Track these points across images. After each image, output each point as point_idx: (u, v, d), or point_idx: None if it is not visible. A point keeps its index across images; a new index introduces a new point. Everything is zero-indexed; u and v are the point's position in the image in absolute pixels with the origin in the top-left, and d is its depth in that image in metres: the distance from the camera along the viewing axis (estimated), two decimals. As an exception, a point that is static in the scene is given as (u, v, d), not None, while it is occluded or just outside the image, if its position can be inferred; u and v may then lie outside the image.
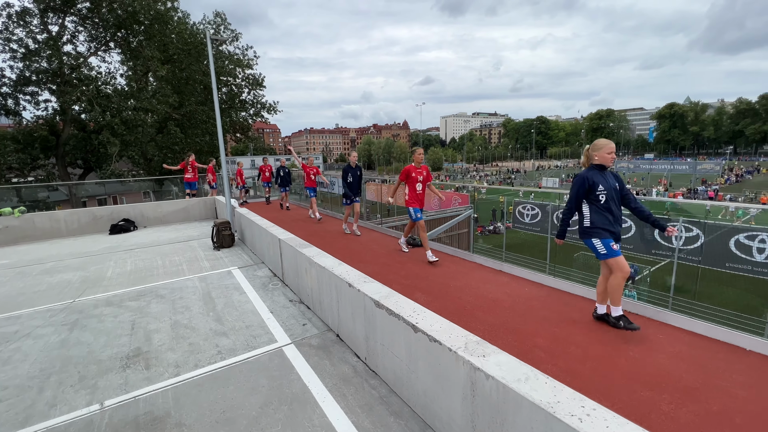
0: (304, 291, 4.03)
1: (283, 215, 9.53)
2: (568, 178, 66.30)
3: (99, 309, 4.13)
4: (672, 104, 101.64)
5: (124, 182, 18.07)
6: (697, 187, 45.42)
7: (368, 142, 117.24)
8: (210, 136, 21.96)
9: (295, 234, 5.30)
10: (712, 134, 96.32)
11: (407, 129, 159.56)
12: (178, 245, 7.03)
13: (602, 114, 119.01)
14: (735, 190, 43.13)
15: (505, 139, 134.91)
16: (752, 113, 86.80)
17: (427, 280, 4.58)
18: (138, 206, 9.01)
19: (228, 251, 6.51)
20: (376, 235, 7.17)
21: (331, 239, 6.85)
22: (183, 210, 9.58)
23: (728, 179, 49.52)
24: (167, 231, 8.55)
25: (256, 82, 24.47)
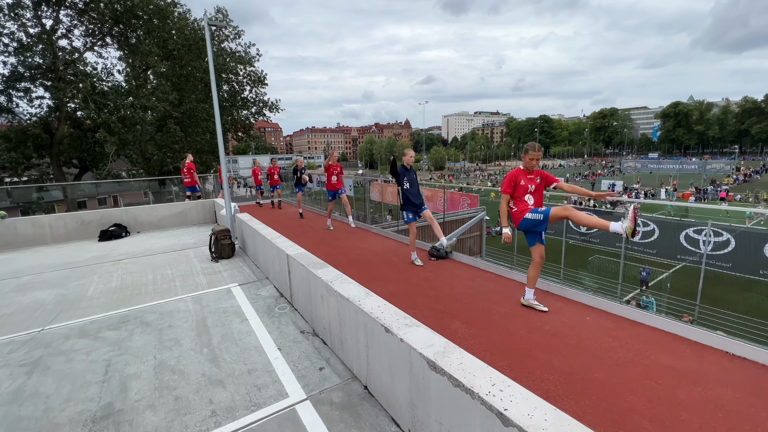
0: (319, 321, 3.30)
1: (290, 221, 8.81)
2: (573, 178, 65.46)
3: (70, 342, 3.40)
4: (677, 103, 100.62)
5: (122, 182, 17.40)
6: (707, 188, 44.55)
7: (370, 141, 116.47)
8: (210, 134, 21.25)
9: (305, 244, 4.57)
10: (717, 133, 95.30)
11: (409, 128, 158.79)
12: (172, 255, 6.30)
13: (605, 113, 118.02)
14: (744, 191, 42.22)
15: (508, 138, 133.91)
16: (758, 112, 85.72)
17: (461, 303, 3.84)
18: (131, 210, 8.30)
19: (227, 263, 5.78)
20: (392, 244, 6.44)
21: (343, 248, 6.12)
22: (180, 214, 8.86)
23: (737, 179, 48.60)
24: (162, 237, 7.83)
25: (258, 79, 23.77)
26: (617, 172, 68.80)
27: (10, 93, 15.80)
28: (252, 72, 23.32)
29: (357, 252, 5.98)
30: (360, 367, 2.61)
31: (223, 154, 6.64)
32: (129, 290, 4.71)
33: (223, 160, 6.68)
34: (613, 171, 69.83)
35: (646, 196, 43.04)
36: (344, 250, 6.07)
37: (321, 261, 3.60)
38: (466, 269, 4.94)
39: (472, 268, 5.01)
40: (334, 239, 6.86)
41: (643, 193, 43.25)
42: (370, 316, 2.35)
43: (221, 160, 6.67)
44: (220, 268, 5.55)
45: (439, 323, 3.41)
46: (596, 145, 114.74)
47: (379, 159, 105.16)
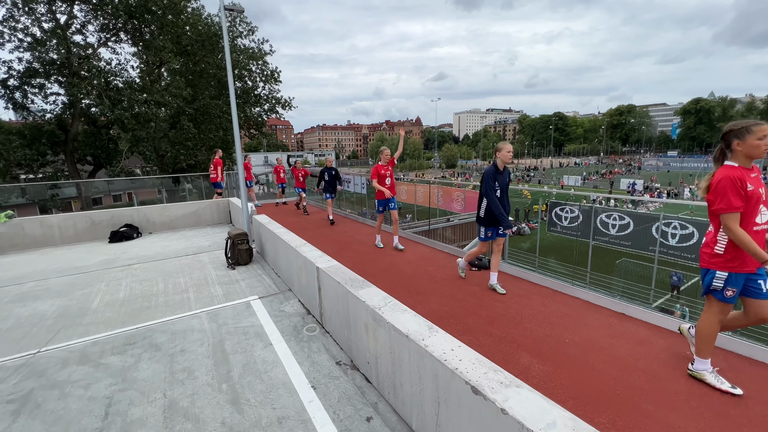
0: (361, 353, 2.72)
1: (313, 224, 8.28)
2: (590, 176, 63.76)
3: (68, 369, 2.90)
4: (698, 99, 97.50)
5: (135, 180, 17.18)
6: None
7: (381, 139, 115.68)
8: (224, 131, 20.95)
9: (327, 250, 4.01)
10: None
11: (420, 125, 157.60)
12: (185, 260, 5.82)
13: (622, 110, 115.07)
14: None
15: (521, 135, 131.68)
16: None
17: (522, 328, 3.23)
18: (142, 210, 7.87)
19: (245, 271, 5.26)
20: (424, 250, 5.84)
21: (370, 255, 5.54)
22: (193, 214, 8.41)
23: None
24: (174, 239, 7.38)
25: (271, 76, 23.36)
26: (635, 170, 66.84)
27: (26, 89, 15.66)
28: (265, 68, 22.94)
29: (386, 259, 5.40)
30: (424, 425, 2.03)
31: (239, 150, 6.12)
32: (138, 302, 4.21)
33: (240, 157, 6.17)
34: (631, 169, 67.89)
35: (669, 195, 41.49)
36: (372, 258, 5.49)
37: (360, 278, 3.03)
38: (517, 283, 4.32)
39: (523, 281, 4.38)
40: (360, 244, 6.29)
41: (665, 192, 41.68)
42: (445, 366, 1.76)
43: (237, 156, 6.16)
44: (237, 276, 5.03)
45: (503, 355, 2.81)
46: (612, 142, 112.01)
47: (390, 155, 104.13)
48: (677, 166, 45.31)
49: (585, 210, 13.82)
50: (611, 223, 12.53)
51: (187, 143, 18.75)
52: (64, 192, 17.90)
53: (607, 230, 12.81)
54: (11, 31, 14.45)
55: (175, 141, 18.85)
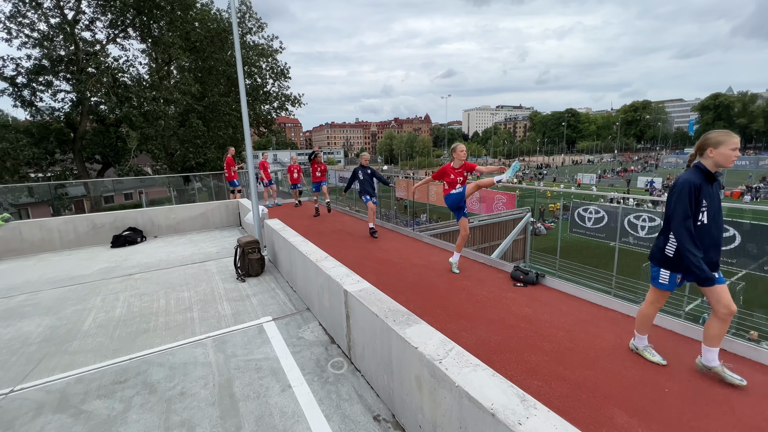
0: (409, 412, 2.10)
1: (337, 228, 7.67)
2: (604, 174, 62.13)
3: (41, 420, 2.34)
4: (717, 95, 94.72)
5: (143, 179, 16.85)
6: (759, 185, 41.03)
7: (390, 137, 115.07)
8: (233, 128, 20.54)
9: (345, 255, 3.39)
10: (761, 126, 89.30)
11: (429, 123, 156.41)
12: (190, 270, 5.27)
13: (637, 105, 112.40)
14: (804, 189, 38.50)
15: (532, 132, 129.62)
16: (808, 103, 79.53)
17: (601, 369, 2.56)
18: (147, 212, 7.37)
19: (256, 283, 4.69)
20: (448, 256, 5.18)
21: (395, 264, 4.92)
22: (201, 216, 7.89)
23: None
24: (180, 244, 6.86)
25: (281, 72, 22.87)
26: (651, 168, 64.92)
27: (34, 87, 15.38)
28: (274, 65, 22.46)
29: (414, 270, 4.77)
30: None
31: (250, 148, 5.54)
32: (135, 323, 3.66)
33: (250, 155, 5.59)
34: (646, 167, 66.01)
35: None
36: (399, 268, 4.86)
37: (404, 309, 2.40)
38: (572, 303, 3.65)
39: (582, 302, 3.71)
40: (382, 251, 5.67)
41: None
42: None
43: (248, 155, 5.58)
44: (247, 290, 4.45)
45: (589, 411, 2.16)
46: (627, 139, 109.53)
47: (399, 154, 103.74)
48: (698, 164, 43.61)
49: (611, 211, 12.97)
50: (640, 225, 11.67)
51: (196, 141, 18.37)
52: (74, 191, 17.68)
53: (635, 232, 11.95)
54: (18, 27, 14.17)
55: (184, 139, 18.49)
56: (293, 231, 4.81)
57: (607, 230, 12.41)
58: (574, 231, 13.18)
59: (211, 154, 18.96)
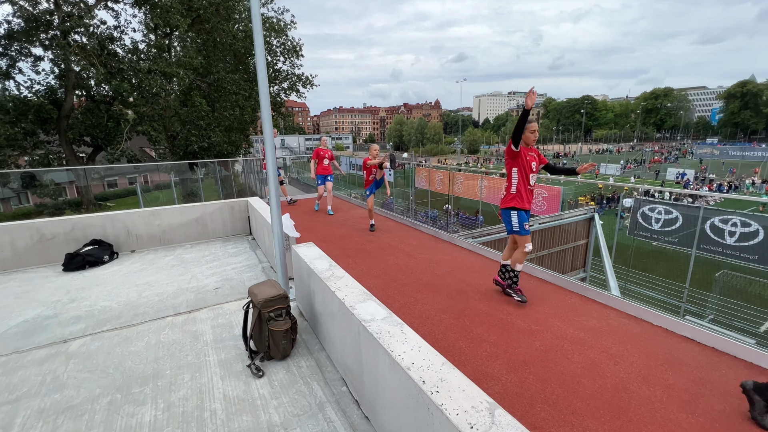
0: None
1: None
2: (628, 164, 58.90)
3: None
4: (744, 82, 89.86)
5: (137, 166, 14.81)
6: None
7: (400, 122, 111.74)
8: (240, 109, 18.30)
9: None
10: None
11: (439, 108, 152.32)
12: (168, 332, 3.17)
13: (658, 93, 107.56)
14: None
15: (545, 120, 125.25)
16: (842, 92, 74.96)
17: None
18: (119, 217, 5.25)
19: (284, 375, 2.57)
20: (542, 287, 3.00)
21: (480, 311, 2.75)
22: (197, 222, 5.76)
23: None
24: (164, 267, 4.76)
25: (293, 49, 20.40)
26: (680, 158, 61.38)
27: (12, 55, 13.22)
28: (286, 41, 20.00)
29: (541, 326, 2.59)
30: None
31: (270, 132, 3.35)
32: None
33: (270, 140, 3.41)
34: (676, 157, 62.48)
35: (730, 188, 37.12)
36: (479, 312, 2.67)
37: None
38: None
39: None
40: (455, 279, 3.50)
41: (726, 185, 37.25)
42: None
43: (268, 144, 3.41)
44: (268, 403, 2.31)
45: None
46: (646, 128, 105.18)
47: (409, 141, 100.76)
48: (738, 155, 40.43)
49: (687, 212, 10.50)
50: (728, 230, 9.27)
51: (199, 122, 16.17)
52: (59, 177, 15.67)
53: (721, 238, 9.54)
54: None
55: (185, 120, 16.32)
56: (344, 273, 2.65)
57: (680, 234, 10.17)
58: (636, 234, 10.96)
59: (217, 137, 16.79)
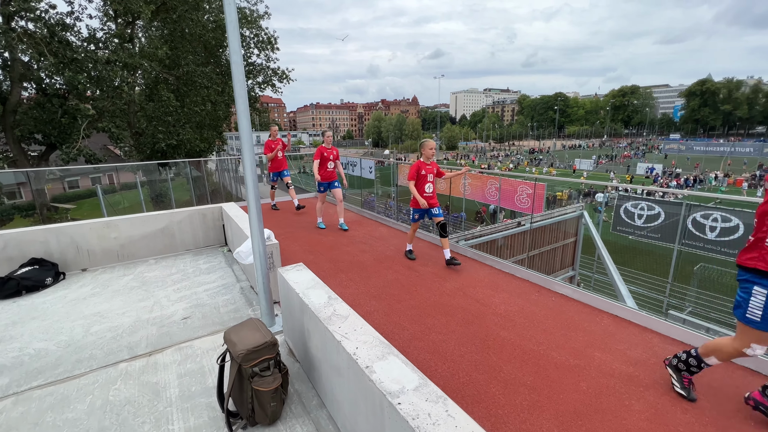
0: None
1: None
2: (600, 160, 60.71)
3: None
4: (704, 80, 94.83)
5: (95, 167, 13.53)
6: (756, 172, 40.15)
7: (378, 119, 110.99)
8: (212, 104, 17.16)
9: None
10: (745, 113, 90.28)
11: (417, 105, 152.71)
12: (122, 376, 2.50)
13: (626, 90, 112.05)
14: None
15: (520, 116, 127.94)
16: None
17: None
18: (68, 229, 4.42)
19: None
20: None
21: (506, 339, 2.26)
22: (162, 233, 4.98)
23: None
24: (120, 290, 4.01)
25: (268, 42, 19.34)
26: (647, 153, 63.82)
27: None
28: (259, 33, 18.94)
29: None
30: None
31: (247, 127, 2.72)
32: None
33: (248, 136, 2.77)
34: (644, 152, 64.95)
35: (695, 182, 38.78)
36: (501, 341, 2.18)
37: None
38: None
39: None
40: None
41: (692, 178, 38.88)
42: None
43: (243, 135, 2.76)
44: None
45: None
46: (615, 124, 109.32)
47: (387, 137, 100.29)
48: (701, 150, 42.36)
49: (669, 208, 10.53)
50: (709, 225, 9.34)
51: (167, 118, 15.01)
52: (14, 179, 14.14)
53: (702, 233, 9.59)
54: None
55: (152, 115, 15.10)
56: (356, 318, 2.07)
57: (663, 230, 10.21)
58: (619, 230, 10.96)
59: (187, 134, 15.65)
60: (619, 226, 11.05)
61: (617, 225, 11.11)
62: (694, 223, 9.33)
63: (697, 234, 9.17)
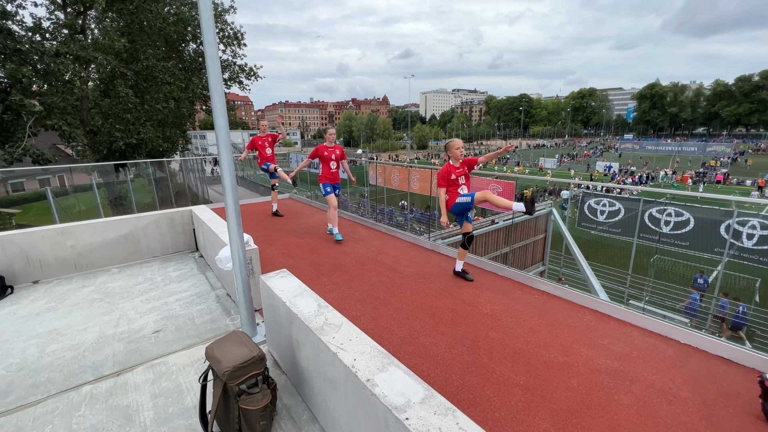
0: None
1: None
2: (562, 158, 63.57)
3: None
4: (653, 84, 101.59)
5: (44, 169, 12.47)
6: (701, 170, 43.57)
7: (349, 118, 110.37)
8: (176, 102, 16.29)
9: None
10: (689, 116, 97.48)
11: (387, 104, 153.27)
12: (86, 400, 2.27)
13: (584, 93, 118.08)
14: (739, 174, 41.58)
15: (487, 116, 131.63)
16: (728, 95, 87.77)
17: None
18: (15, 237, 3.98)
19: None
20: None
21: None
22: (125, 239, 4.62)
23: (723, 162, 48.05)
24: (79, 302, 3.67)
25: (234, 37, 18.61)
26: (605, 152, 67.56)
27: None
28: (225, 27, 18.18)
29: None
30: None
31: (225, 126, 2.54)
32: None
33: (224, 131, 2.59)
34: (602, 151, 68.66)
35: (648, 179, 41.46)
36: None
37: None
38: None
39: None
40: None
41: (646, 176, 41.57)
42: None
43: (218, 131, 2.58)
44: None
45: None
46: (575, 125, 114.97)
47: (359, 137, 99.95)
48: (653, 149, 45.46)
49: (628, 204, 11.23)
50: (664, 219, 10.03)
51: (125, 116, 14.07)
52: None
53: (658, 227, 10.27)
54: None
55: (108, 113, 14.11)
56: (350, 327, 1.97)
57: (623, 225, 10.85)
58: (583, 225, 11.54)
59: (148, 133, 14.75)
60: (583, 222, 11.59)
61: (582, 221, 11.65)
62: (650, 217, 9.95)
63: (653, 228, 9.79)
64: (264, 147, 6.64)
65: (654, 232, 9.76)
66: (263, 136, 6.77)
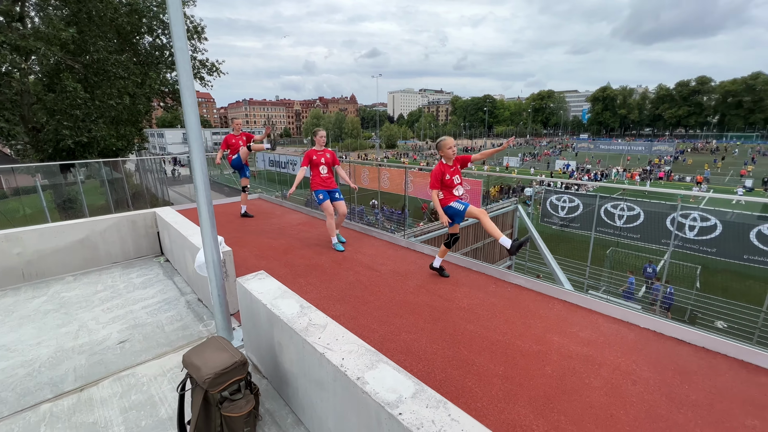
0: None
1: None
2: (525, 157, 66.35)
3: None
4: (605, 88, 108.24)
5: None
6: (648, 167, 47.05)
7: (317, 116, 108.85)
8: (131, 97, 15.30)
9: None
10: (636, 117, 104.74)
11: (355, 103, 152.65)
12: (46, 419, 2.10)
13: (544, 94, 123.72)
14: (681, 170, 45.42)
15: (453, 116, 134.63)
16: (669, 99, 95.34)
17: None
18: (-49, 247, 3.60)
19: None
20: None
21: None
22: (81, 245, 4.29)
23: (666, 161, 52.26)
24: (30, 314, 3.37)
25: (194, 31, 17.76)
26: (558, 152, 71.24)
27: None
28: (185, 20, 17.28)
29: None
30: None
31: (196, 123, 2.43)
32: None
33: (196, 129, 2.48)
34: (560, 151, 72.32)
35: (602, 176, 44.20)
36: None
37: None
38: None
39: None
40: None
41: (600, 173, 44.30)
42: None
43: (189, 128, 2.47)
44: None
45: None
46: (535, 125, 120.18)
47: (327, 136, 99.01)
48: (606, 149, 48.55)
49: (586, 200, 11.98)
50: (618, 214, 10.79)
51: (73, 112, 13.05)
52: None
53: (613, 221, 11.02)
54: None
55: (54, 108, 13.02)
56: (335, 326, 1.96)
57: (581, 220, 11.54)
58: (545, 221, 12.16)
59: (100, 130, 13.77)
60: (545, 217, 12.16)
61: (544, 217, 12.22)
62: (605, 212, 10.62)
63: (609, 222, 10.45)
64: (238, 146, 6.42)
65: (609, 225, 10.43)
66: (237, 134, 6.54)
